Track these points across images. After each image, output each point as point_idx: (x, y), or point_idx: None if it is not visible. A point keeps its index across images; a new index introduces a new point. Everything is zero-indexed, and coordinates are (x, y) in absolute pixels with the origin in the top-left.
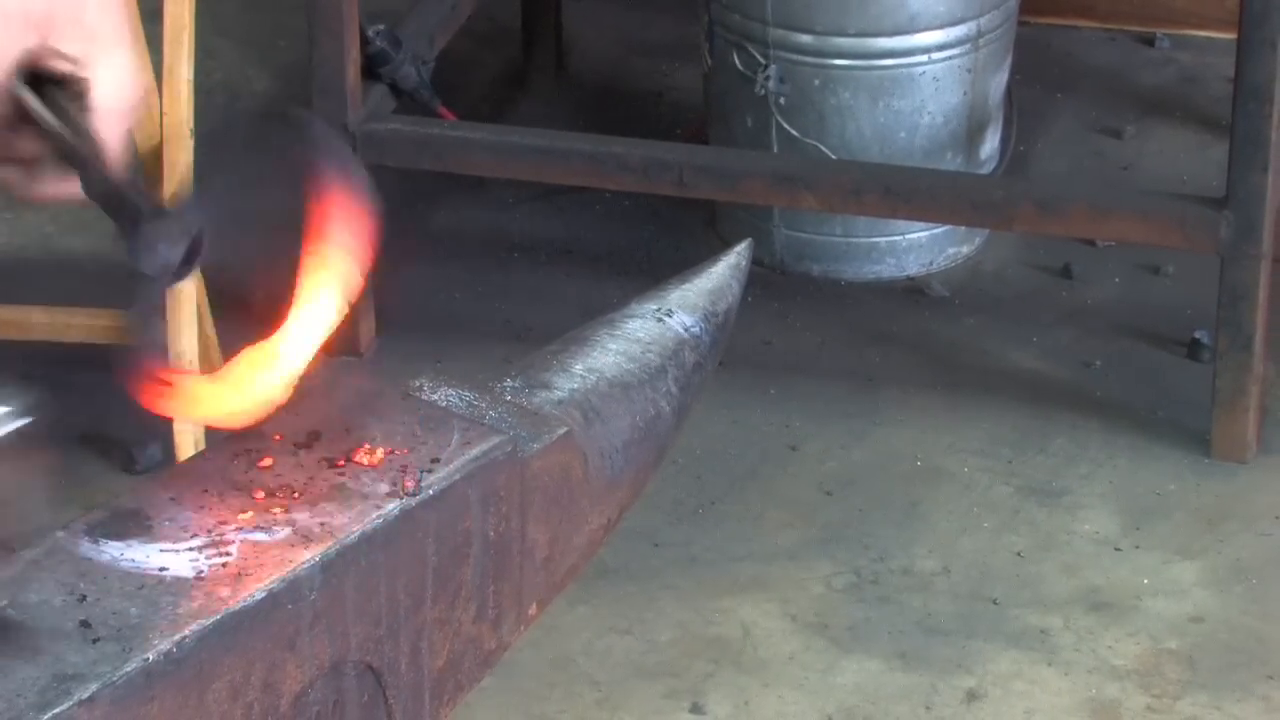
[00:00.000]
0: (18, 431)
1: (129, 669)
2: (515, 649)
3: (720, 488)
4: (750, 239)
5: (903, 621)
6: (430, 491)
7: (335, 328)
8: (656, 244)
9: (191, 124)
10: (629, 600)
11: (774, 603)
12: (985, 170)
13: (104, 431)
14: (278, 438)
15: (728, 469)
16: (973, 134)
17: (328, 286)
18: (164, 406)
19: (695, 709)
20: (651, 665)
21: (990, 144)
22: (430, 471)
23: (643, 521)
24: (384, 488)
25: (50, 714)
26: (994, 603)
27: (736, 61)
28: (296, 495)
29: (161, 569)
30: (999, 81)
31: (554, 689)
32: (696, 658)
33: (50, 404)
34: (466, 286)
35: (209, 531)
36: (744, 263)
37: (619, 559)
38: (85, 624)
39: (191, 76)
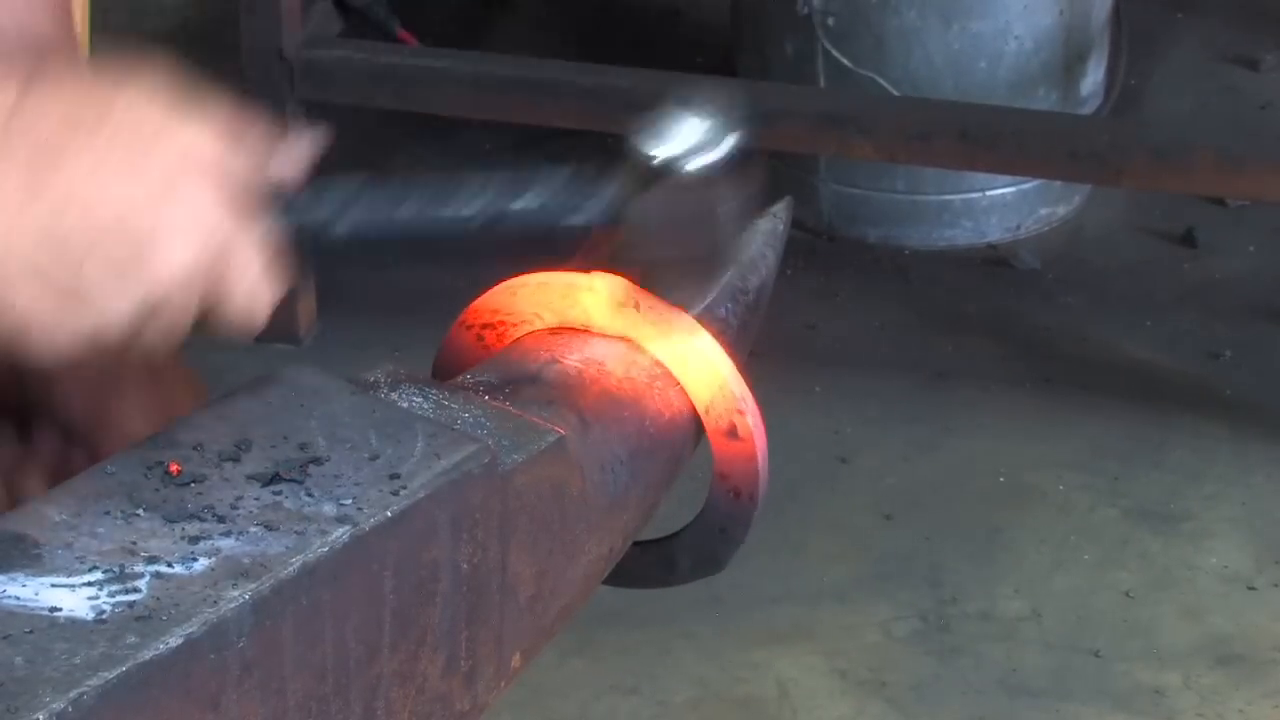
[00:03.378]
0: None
1: None
2: (494, 712)
3: None
4: (790, 197)
5: (981, 679)
6: (388, 514)
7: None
8: None
9: (87, 46)
10: (636, 651)
11: (818, 655)
12: (1087, 110)
13: None
14: (198, 447)
15: None
16: (1070, 64)
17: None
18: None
19: None
20: None
21: (1093, 77)
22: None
23: None
24: (330, 508)
25: None
26: (1096, 655)
27: None
28: (221, 517)
29: (53, 609)
30: None
31: None
32: None
33: None
34: (431, 257)
35: (112, 562)
36: (781, 227)
37: (623, 598)
38: None
39: None
